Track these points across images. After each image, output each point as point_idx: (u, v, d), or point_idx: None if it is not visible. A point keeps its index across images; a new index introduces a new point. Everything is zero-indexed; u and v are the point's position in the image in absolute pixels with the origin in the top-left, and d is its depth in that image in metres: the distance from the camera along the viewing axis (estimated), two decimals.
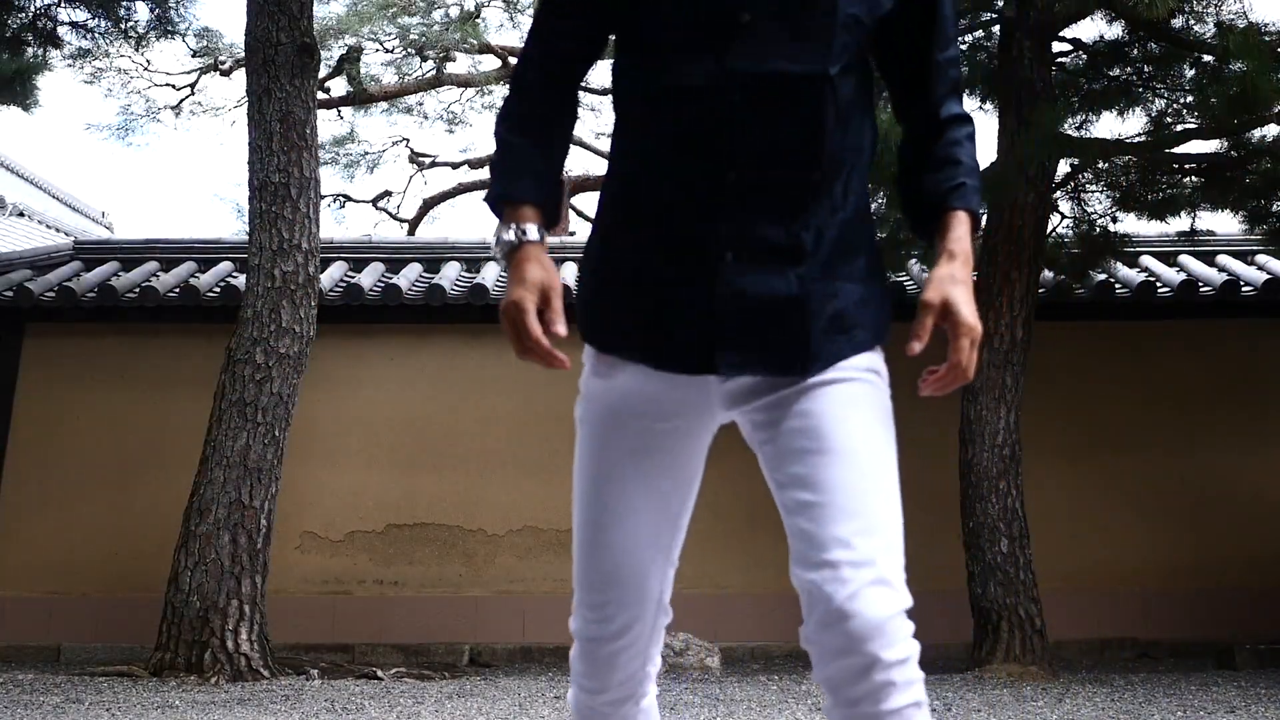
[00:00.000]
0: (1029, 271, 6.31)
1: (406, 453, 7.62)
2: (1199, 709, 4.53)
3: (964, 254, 1.38)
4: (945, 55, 1.45)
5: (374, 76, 14.88)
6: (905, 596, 1.31)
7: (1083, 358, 7.78)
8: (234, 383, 5.80)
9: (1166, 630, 7.22)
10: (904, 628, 1.28)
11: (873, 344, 1.47)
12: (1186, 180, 7.08)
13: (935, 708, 4.51)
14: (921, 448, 7.45)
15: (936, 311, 1.36)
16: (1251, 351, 7.81)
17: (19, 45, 8.25)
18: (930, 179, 1.41)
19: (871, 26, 1.41)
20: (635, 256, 1.44)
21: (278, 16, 6.14)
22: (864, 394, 1.42)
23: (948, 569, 6.75)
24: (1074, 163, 6.79)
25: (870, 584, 1.28)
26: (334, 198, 16.83)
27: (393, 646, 7.12)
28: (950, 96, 1.46)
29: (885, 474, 1.40)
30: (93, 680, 5.34)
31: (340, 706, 4.58)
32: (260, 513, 5.69)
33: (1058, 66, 6.88)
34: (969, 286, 1.37)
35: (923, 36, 1.43)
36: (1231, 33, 5.54)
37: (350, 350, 7.84)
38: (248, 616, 5.51)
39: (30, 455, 7.70)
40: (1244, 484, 7.56)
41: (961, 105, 1.47)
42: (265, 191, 6.04)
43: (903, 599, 1.30)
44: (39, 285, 7.89)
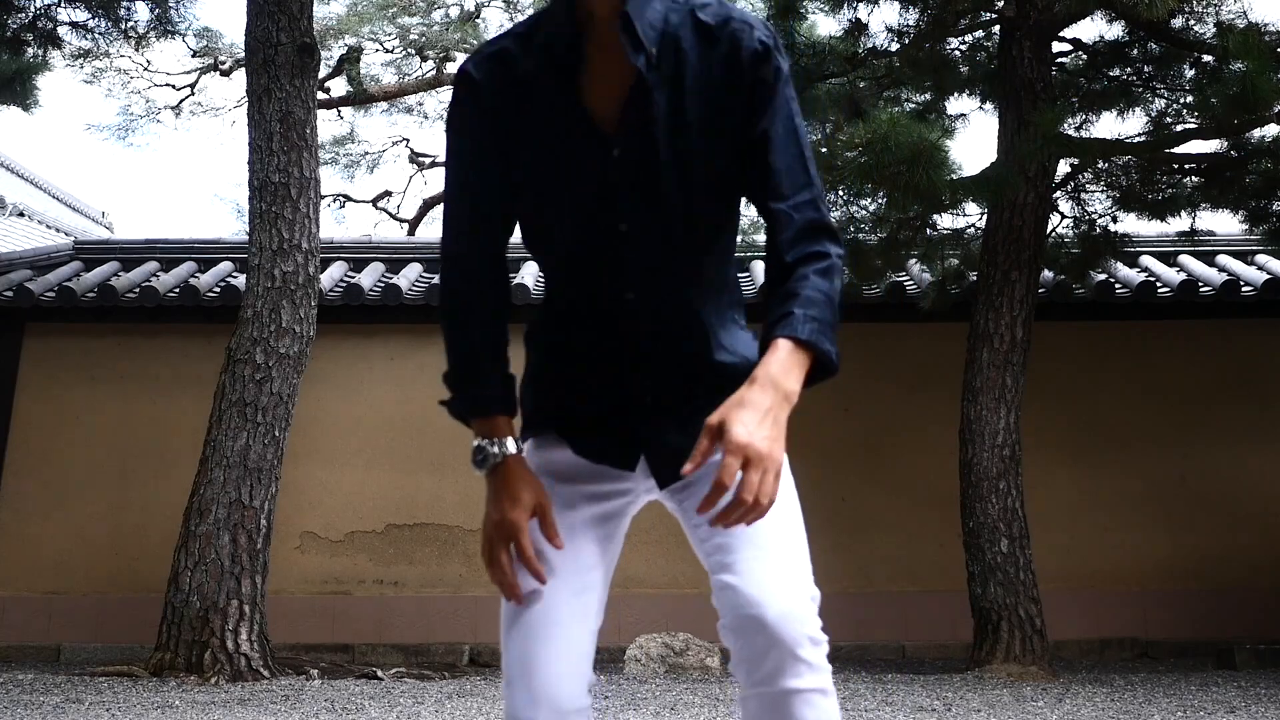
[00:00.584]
0: (1029, 271, 6.31)
1: (406, 453, 7.62)
2: (1199, 709, 4.53)
3: (766, 378, 1.29)
4: (790, 203, 1.42)
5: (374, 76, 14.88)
6: (813, 590, 1.40)
7: (1083, 358, 7.78)
8: (234, 383, 5.80)
9: (1166, 630, 7.22)
10: (811, 613, 1.36)
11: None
12: (1186, 180, 7.07)
13: (935, 708, 4.51)
14: (921, 448, 7.49)
15: (711, 432, 1.27)
16: (1251, 351, 7.81)
17: (19, 45, 8.25)
18: (769, 314, 1.38)
19: (730, 191, 1.50)
20: (567, 365, 1.55)
21: (278, 16, 6.14)
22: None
23: (948, 569, 6.76)
24: (1074, 163, 6.79)
25: (780, 580, 1.36)
26: (334, 198, 16.83)
27: (393, 646, 7.12)
28: (800, 241, 1.42)
29: (793, 535, 1.43)
30: (93, 680, 5.34)
31: (340, 706, 4.58)
32: (260, 513, 5.69)
33: (1058, 66, 6.88)
34: (759, 409, 1.27)
35: (761, 190, 1.44)
36: (1231, 33, 5.54)
37: (350, 350, 7.84)
38: (248, 616, 5.51)
39: (30, 455, 7.70)
40: (1244, 484, 7.56)
41: (819, 243, 1.42)
42: (265, 191, 6.04)
43: (811, 591, 1.39)
44: (39, 285, 7.89)
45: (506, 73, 1.49)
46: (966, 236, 7.34)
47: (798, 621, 1.32)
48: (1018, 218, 6.33)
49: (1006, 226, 6.34)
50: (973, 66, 7.22)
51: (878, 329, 7.81)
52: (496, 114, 1.49)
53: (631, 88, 1.42)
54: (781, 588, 1.34)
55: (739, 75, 1.43)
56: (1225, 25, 6.05)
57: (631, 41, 1.40)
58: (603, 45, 1.43)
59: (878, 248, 7.29)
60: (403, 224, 17.03)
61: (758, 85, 1.43)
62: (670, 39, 1.43)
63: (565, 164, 1.46)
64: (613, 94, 1.44)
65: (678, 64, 1.43)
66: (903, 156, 5.54)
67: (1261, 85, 5.08)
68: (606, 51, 1.43)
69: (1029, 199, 6.32)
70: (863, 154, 5.73)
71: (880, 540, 7.25)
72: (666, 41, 1.43)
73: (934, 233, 7.36)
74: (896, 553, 7.33)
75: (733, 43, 1.43)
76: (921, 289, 7.68)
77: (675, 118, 1.42)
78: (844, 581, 6.92)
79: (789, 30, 6.65)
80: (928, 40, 6.83)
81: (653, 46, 1.42)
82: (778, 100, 1.43)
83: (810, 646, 1.33)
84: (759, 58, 1.43)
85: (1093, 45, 6.97)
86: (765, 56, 1.43)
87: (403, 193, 18.71)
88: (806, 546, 1.43)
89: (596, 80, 1.44)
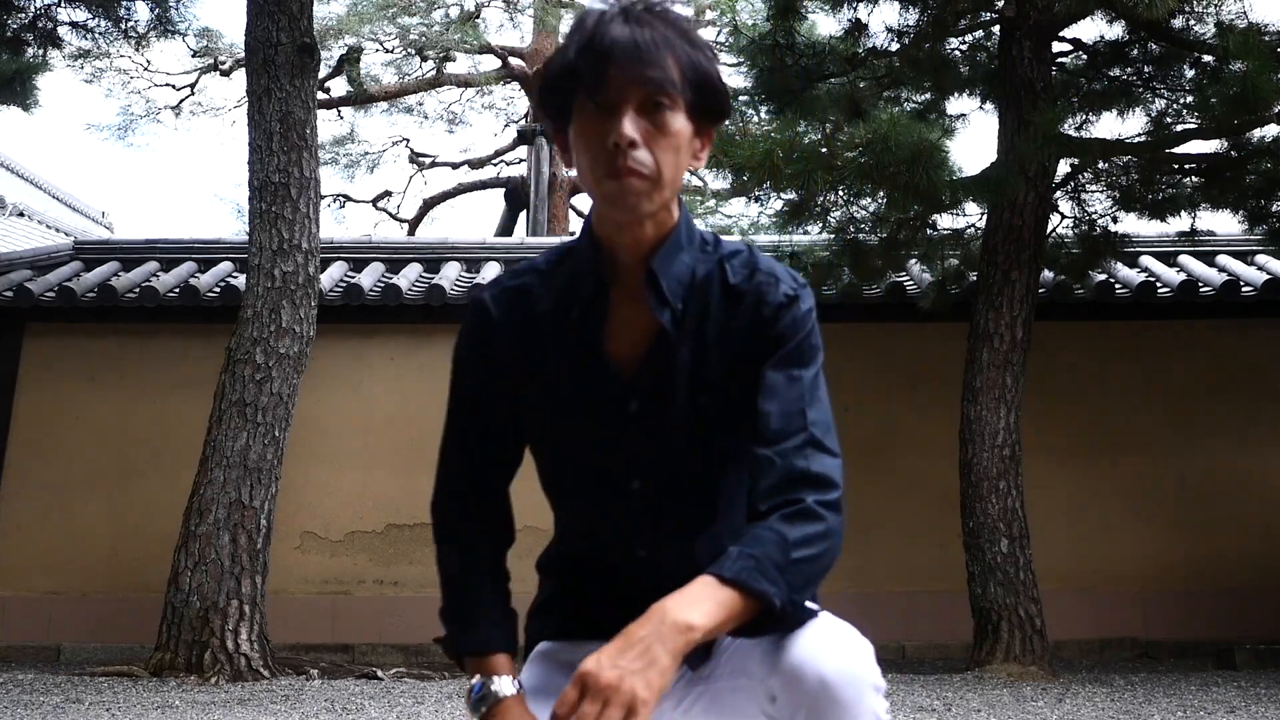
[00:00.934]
0: (1029, 271, 6.31)
1: (406, 453, 7.61)
2: (1199, 709, 4.53)
3: (657, 609, 1.17)
4: (776, 449, 1.33)
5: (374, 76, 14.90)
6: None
7: (1083, 358, 7.78)
8: (234, 383, 5.80)
9: (1166, 630, 7.22)
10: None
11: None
12: (1186, 180, 7.07)
13: (935, 708, 4.51)
14: (921, 448, 7.49)
15: (575, 680, 1.14)
16: (1251, 351, 7.81)
17: (19, 45, 8.24)
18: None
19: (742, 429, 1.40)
20: (580, 601, 1.49)
21: (278, 16, 6.14)
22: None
23: (948, 569, 6.76)
24: (1074, 163, 6.79)
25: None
26: (334, 198, 16.86)
27: (393, 646, 7.13)
28: (777, 490, 1.30)
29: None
30: (93, 680, 5.34)
31: (340, 706, 4.58)
32: (260, 513, 5.69)
33: (1058, 66, 6.88)
34: (629, 640, 1.15)
35: (750, 433, 1.36)
36: (1231, 33, 5.53)
37: (350, 350, 7.84)
38: (248, 616, 5.51)
39: (30, 455, 7.70)
40: (1244, 484, 7.56)
41: (796, 491, 1.30)
42: (265, 191, 6.04)
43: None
44: (39, 285, 7.89)
45: (525, 310, 1.44)
46: (966, 236, 7.34)
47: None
48: (1018, 218, 6.33)
49: (1006, 226, 6.34)
50: (973, 66, 7.21)
51: (878, 329, 7.81)
52: (510, 352, 1.44)
53: (654, 341, 1.38)
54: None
55: (763, 328, 1.38)
56: (1225, 25, 6.04)
57: (657, 297, 1.36)
58: (627, 293, 1.39)
59: (878, 248, 7.29)
60: (403, 224, 17.06)
61: (779, 337, 1.38)
62: (697, 292, 1.39)
63: (578, 413, 1.41)
64: (634, 345, 1.39)
65: (702, 319, 1.38)
66: (903, 156, 5.53)
67: (1261, 85, 5.08)
68: (631, 300, 1.39)
69: (1029, 199, 6.32)
70: (863, 154, 5.73)
71: (880, 540, 7.25)
72: (692, 296, 1.38)
73: (934, 233, 7.36)
74: (896, 553, 7.33)
75: (758, 296, 1.39)
76: (921, 289, 7.68)
77: (697, 374, 1.38)
78: (844, 581, 6.91)
79: (789, 30, 6.65)
80: (928, 40, 6.83)
81: (678, 302, 1.37)
82: (789, 348, 1.38)
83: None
84: (783, 309, 1.38)
85: (1093, 45, 6.97)
86: (789, 307, 1.39)
87: (403, 193, 18.74)
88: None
89: (618, 328, 1.40)
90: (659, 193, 1.32)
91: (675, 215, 1.39)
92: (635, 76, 1.28)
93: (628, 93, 1.29)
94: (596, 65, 1.28)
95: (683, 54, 1.32)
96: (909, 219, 7.07)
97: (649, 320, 1.38)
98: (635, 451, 1.40)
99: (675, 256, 1.38)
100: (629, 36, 1.29)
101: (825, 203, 6.89)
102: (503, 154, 16.91)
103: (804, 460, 1.33)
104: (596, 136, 1.30)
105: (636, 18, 1.31)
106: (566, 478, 1.47)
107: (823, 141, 6.30)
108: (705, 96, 1.34)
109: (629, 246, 1.37)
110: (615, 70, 1.28)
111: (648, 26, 1.30)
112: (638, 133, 1.28)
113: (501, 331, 1.45)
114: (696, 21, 14.84)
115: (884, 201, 6.74)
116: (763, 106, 7.05)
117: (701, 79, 1.33)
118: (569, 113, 1.34)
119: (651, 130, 1.30)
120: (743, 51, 7.02)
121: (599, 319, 1.39)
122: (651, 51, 1.29)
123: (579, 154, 1.33)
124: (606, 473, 1.42)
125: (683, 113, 1.32)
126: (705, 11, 14.35)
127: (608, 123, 1.29)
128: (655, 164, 1.30)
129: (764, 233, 8.59)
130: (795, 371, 1.38)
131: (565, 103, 1.33)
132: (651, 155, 1.30)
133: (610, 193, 1.31)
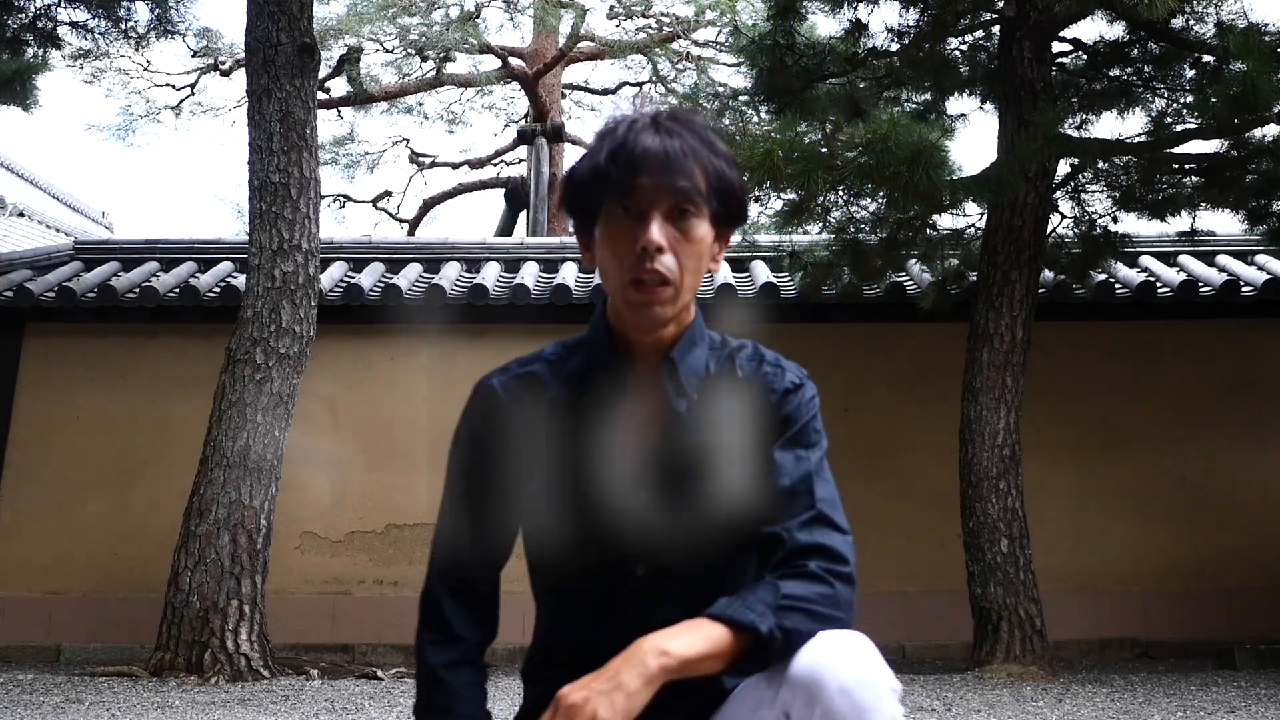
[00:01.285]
0: (1029, 271, 6.30)
1: (406, 453, 7.61)
2: (1199, 709, 4.53)
3: (640, 640, 1.22)
4: (784, 525, 1.35)
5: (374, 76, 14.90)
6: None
7: (1083, 358, 7.78)
8: (234, 383, 5.80)
9: (1166, 630, 7.22)
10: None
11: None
12: (1186, 180, 7.07)
13: (935, 708, 4.51)
14: (921, 448, 7.49)
15: (551, 704, 1.21)
16: (1251, 351, 7.81)
17: (19, 45, 8.24)
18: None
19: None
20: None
21: (278, 17, 6.14)
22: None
23: (948, 569, 6.76)
24: (1074, 163, 6.79)
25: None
26: (334, 198, 16.86)
27: (393, 646, 7.13)
28: (786, 560, 1.33)
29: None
30: (93, 680, 5.34)
31: (340, 706, 4.58)
32: (260, 513, 5.69)
33: (1058, 66, 6.88)
34: (607, 668, 1.21)
35: (761, 514, 1.38)
36: (1231, 33, 5.53)
37: (350, 350, 7.84)
38: (248, 616, 5.51)
39: (30, 455, 7.70)
40: (1244, 484, 7.56)
41: (803, 558, 1.32)
42: (265, 191, 6.04)
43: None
44: (39, 285, 7.89)
45: (534, 397, 1.46)
46: (966, 236, 7.34)
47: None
48: (1018, 218, 6.33)
49: (1006, 226, 6.34)
50: (973, 66, 7.21)
51: (878, 329, 7.81)
52: (517, 437, 1.46)
53: (667, 429, 1.42)
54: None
55: (770, 413, 1.42)
56: (1225, 25, 6.04)
57: (675, 387, 1.41)
58: (638, 384, 1.43)
59: (878, 248, 7.29)
60: (403, 224, 17.05)
61: (785, 420, 1.42)
62: (709, 384, 1.43)
63: (585, 501, 1.42)
64: (646, 433, 1.42)
65: (713, 408, 1.43)
66: (903, 157, 5.53)
67: (1261, 85, 5.07)
68: (644, 390, 1.43)
69: (1029, 199, 6.32)
70: (863, 154, 5.73)
71: (880, 540, 7.24)
72: (707, 387, 1.43)
73: (934, 233, 7.36)
74: (896, 553, 7.33)
75: (766, 385, 1.44)
76: (921, 289, 7.67)
77: (707, 461, 1.41)
78: None
79: (789, 30, 6.65)
80: (928, 40, 6.83)
81: (695, 393, 1.42)
82: (795, 430, 1.42)
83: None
84: (789, 394, 1.43)
85: (1093, 45, 6.97)
86: (794, 393, 1.44)
87: (403, 193, 18.75)
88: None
89: (630, 418, 1.43)
90: (681, 298, 1.38)
91: (692, 313, 1.44)
92: (664, 185, 1.34)
93: (656, 200, 1.34)
94: (627, 172, 1.34)
95: (708, 163, 1.37)
96: (909, 219, 7.07)
97: (662, 410, 1.42)
98: (642, 537, 1.41)
99: (691, 350, 1.43)
100: (659, 146, 1.34)
101: (825, 203, 6.89)
102: (503, 154, 16.91)
103: (810, 534, 1.35)
104: (625, 241, 1.35)
105: (666, 128, 1.36)
106: (567, 566, 1.46)
107: (823, 141, 6.30)
108: (728, 204, 1.40)
109: (648, 344, 1.42)
110: (645, 178, 1.33)
111: (677, 136, 1.36)
112: (665, 239, 1.34)
113: (510, 417, 1.47)
114: (696, 22, 14.83)
115: (884, 201, 6.74)
116: (763, 106, 7.06)
117: (725, 187, 1.39)
118: (595, 214, 1.39)
119: (677, 237, 1.35)
120: (743, 51, 7.02)
121: (613, 409, 1.42)
122: (680, 161, 1.34)
123: (604, 256, 1.38)
124: (611, 559, 1.42)
125: (706, 220, 1.38)
126: (706, 11, 14.35)
127: (636, 228, 1.34)
128: (679, 270, 1.35)
129: (764, 233, 8.59)
130: (801, 452, 1.41)
131: (593, 205, 1.38)
132: (677, 261, 1.35)
133: (635, 302, 1.36)
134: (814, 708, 1.19)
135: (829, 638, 1.24)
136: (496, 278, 8.33)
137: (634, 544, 1.41)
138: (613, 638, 1.33)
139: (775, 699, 1.24)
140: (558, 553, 1.47)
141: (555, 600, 1.50)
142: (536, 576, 1.52)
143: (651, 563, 1.41)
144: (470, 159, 17.06)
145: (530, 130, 14.17)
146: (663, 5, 15.47)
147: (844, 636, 1.24)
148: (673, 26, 15.06)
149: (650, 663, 1.20)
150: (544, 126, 14.01)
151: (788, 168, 5.81)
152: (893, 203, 6.38)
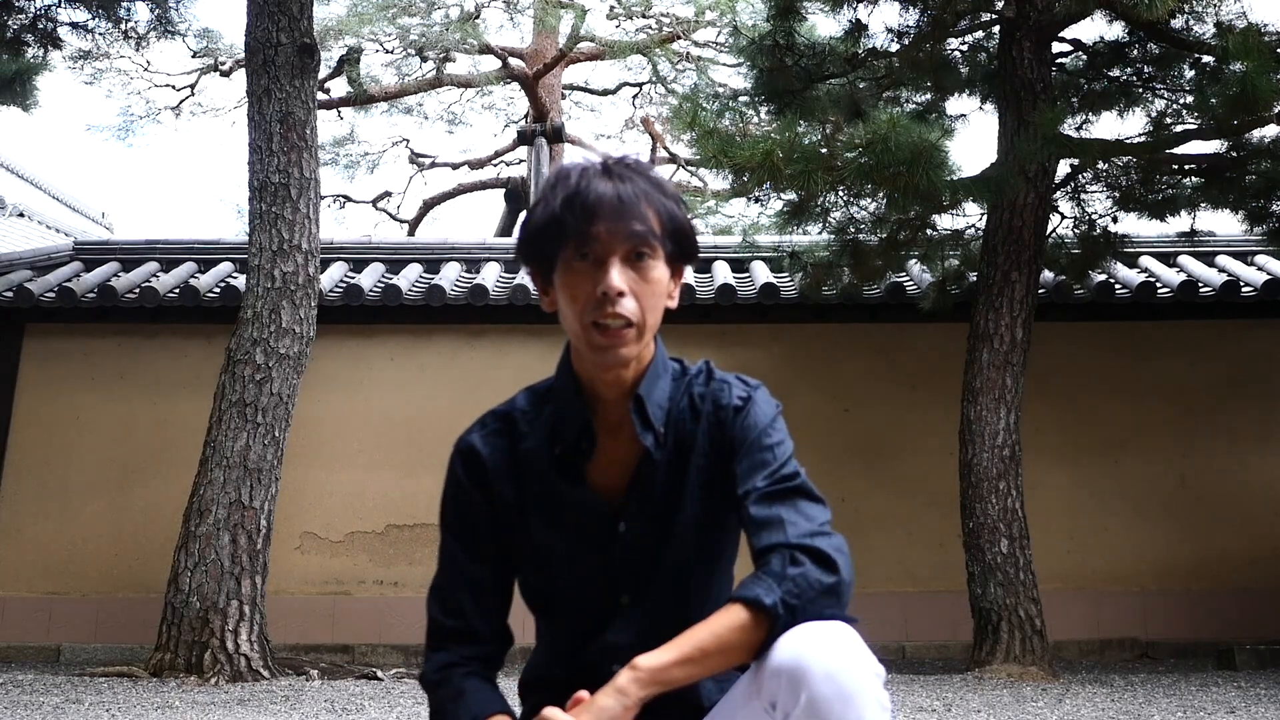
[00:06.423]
0: (1029, 271, 6.31)
1: (406, 453, 7.62)
2: (1199, 709, 4.53)
3: (616, 677, 1.26)
4: (763, 495, 1.40)
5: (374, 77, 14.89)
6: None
7: (1083, 358, 7.78)
8: (234, 383, 5.80)
9: (1166, 630, 7.22)
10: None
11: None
12: (1186, 180, 7.07)
13: (935, 708, 4.51)
14: (921, 448, 7.49)
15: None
16: (1251, 352, 7.81)
17: (19, 45, 8.25)
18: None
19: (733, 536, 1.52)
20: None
21: (278, 17, 6.14)
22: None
23: (948, 569, 6.76)
24: (1074, 163, 6.79)
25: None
26: (334, 198, 16.86)
27: (393, 646, 7.13)
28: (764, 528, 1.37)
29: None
30: (93, 680, 5.34)
31: (340, 706, 4.58)
32: (260, 513, 5.69)
33: (1058, 66, 6.88)
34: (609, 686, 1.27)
35: (735, 503, 1.44)
36: (1231, 33, 5.53)
37: (350, 350, 7.84)
38: (248, 617, 5.51)
39: (30, 455, 7.71)
40: (1244, 484, 7.56)
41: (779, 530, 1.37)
42: (265, 192, 6.04)
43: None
44: (39, 286, 7.89)
45: (511, 448, 1.53)
46: (966, 237, 7.34)
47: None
48: (1018, 218, 6.33)
49: (1006, 227, 6.34)
50: (973, 67, 7.22)
51: (878, 329, 7.81)
52: (500, 488, 1.52)
53: (638, 465, 1.47)
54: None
55: (725, 431, 1.47)
56: (1225, 25, 6.05)
57: (641, 421, 1.45)
58: (608, 425, 1.48)
59: (878, 248, 7.29)
60: (403, 224, 17.06)
61: (738, 436, 1.46)
62: (674, 417, 1.49)
63: (568, 539, 1.49)
64: (619, 471, 1.48)
65: (679, 440, 1.48)
66: (903, 157, 5.53)
67: (1261, 85, 5.08)
68: (613, 430, 1.48)
69: (1029, 199, 6.32)
70: (863, 154, 5.73)
71: (880, 540, 7.25)
72: (671, 419, 1.48)
73: (934, 233, 7.36)
74: (896, 553, 7.33)
75: (715, 403, 1.49)
76: (921, 289, 7.67)
77: (680, 491, 1.47)
78: None
79: (789, 31, 6.65)
80: (928, 41, 6.83)
81: (660, 426, 1.47)
82: (749, 441, 1.45)
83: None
84: (738, 411, 1.48)
85: (1093, 45, 6.97)
86: (742, 408, 1.48)
87: (403, 193, 18.76)
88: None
89: (602, 458, 1.48)
90: (642, 338, 1.41)
91: (653, 349, 1.48)
92: (621, 230, 1.37)
93: (614, 245, 1.38)
94: (584, 220, 1.37)
95: (660, 206, 1.42)
96: (909, 219, 7.07)
97: (632, 446, 1.47)
98: (625, 570, 1.48)
99: (656, 384, 1.48)
100: (613, 192, 1.38)
101: (825, 203, 6.89)
102: (503, 154, 16.90)
103: (790, 507, 1.40)
104: (585, 286, 1.38)
105: (617, 174, 1.41)
106: (556, 600, 1.53)
107: (823, 142, 6.30)
108: (681, 243, 1.45)
109: (611, 383, 1.46)
110: (601, 225, 1.37)
111: (628, 181, 1.40)
112: (625, 283, 1.38)
113: (491, 470, 1.53)
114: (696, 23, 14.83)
115: (884, 202, 6.74)
116: (763, 107, 7.06)
117: (677, 227, 1.43)
118: (553, 261, 1.42)
119: (636, 279, 1.39)
120: (743, 52, 7.02)
121: (585, 455, 1.48)
122: (634, 205, 1.38)
123: (565, 301, 1.41)
124: (595, 591, 1.49)
125: (662, 260, 1.42)
126: (706, 12, 14.34)
127: (596, 273, 1.38)
128: (640, 311, 1.39)
129: (764, 233, 8.59)
130: (766, 446, 1.45)
131: (550, 252, 1.41)
132: (637, 303, 1.39)
133: (597, 344, 1.39)
134: (799, 694, 1.20)
135: (811, 627, 1.26)
136: (496, 278, 8.33)
137: (616, 577, 1.48)
138: (602, 659, 1.43)
139: (761, 689, 1.26)
140: (547, 588, 1.53)
141: (546, 624, 1.57)
142: (529, 605, 1.58)
143: (635, 592, 1.48)
144: (470, 159, 17.06)
145: (530, 131, 14.16)
146: (663, 5, 15.47)
147: (826, 625, 1.27)
148: (673, 27, 15.06)
149: (620, 682, 1.26)
150: (544, 127, 14.00)
151: (788, 168, 5.81)
152: (893, 203, 6.38)
